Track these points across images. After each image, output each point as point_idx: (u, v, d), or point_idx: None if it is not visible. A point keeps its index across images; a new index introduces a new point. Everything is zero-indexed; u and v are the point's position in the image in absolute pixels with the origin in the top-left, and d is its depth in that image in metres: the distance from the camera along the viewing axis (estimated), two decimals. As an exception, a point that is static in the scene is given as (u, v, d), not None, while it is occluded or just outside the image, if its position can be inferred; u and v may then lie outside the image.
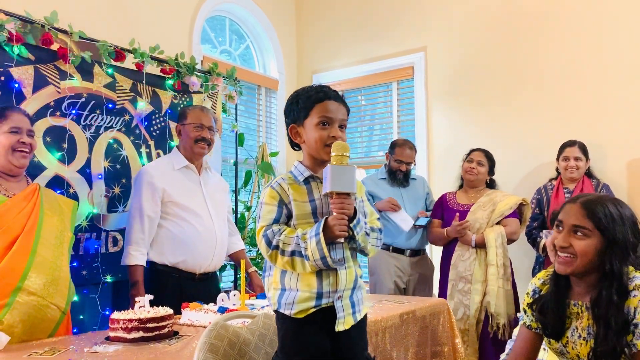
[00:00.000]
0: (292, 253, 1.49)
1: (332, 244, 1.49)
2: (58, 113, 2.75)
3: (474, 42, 4.23)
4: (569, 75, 3.82)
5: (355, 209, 1.51)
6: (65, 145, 2.77)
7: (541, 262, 3.44)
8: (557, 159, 3.50)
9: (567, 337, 1.60)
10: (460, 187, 3.56)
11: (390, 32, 4.62)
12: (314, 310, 1.50)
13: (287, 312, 1.52)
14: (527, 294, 1.74)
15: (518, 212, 3.35)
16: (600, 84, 3.71)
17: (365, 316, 1.63)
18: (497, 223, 3.26)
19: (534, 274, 3.46)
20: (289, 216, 1.55)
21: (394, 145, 3.61)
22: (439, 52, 4.39)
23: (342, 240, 1.50)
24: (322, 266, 1.48)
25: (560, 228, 1.58)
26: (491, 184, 3.48)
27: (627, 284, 1.50)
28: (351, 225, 1.50)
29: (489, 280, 3.15)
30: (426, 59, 4.44)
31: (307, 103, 1.58)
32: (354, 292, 1.57)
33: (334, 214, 1.48)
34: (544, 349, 2.09)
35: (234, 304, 2.32)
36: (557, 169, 3.55)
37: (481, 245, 3.22)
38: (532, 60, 3.96)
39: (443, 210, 3.47)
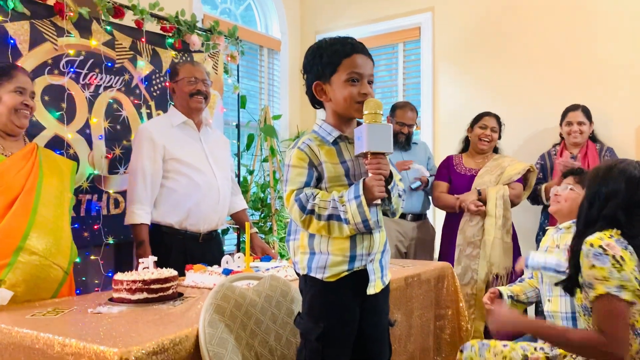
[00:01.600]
0: (329, 217, 1.42)
1: (368, 207, 1.42)
2: (56, 71, 2.68)
3: (482, 2, 4.10)
4: (580, 38, 3.71)
5: (390, 170, 1.46)
6: (64, 105, 2.70)
7: (545, 229, 3.41)
8: (560, 124, 3.43)
9: None
10: (463, 150, 3.49)
11: (397, -9, 4.48)
12: (346, 274, 1.47)
13: (318, 276, 1.47)
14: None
15: (523, 178, 3.31)
16: (612, 46, 3.61)
17: (389, 281, 1.61)
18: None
19: (537, 240, 3.44)
20: (319, 179, 1.48)
21: (394, 108, 3.54)
22: (447, 13, 4.27)
23: (379, 202, 1.45)
24: (363, 229, 1.43)
25: None
26: (496, 149, 3.43)
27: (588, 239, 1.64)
28: (388, 187, 1.45)
29: (486, 230, 3.13)
30: (433, 19, 4.32)
31: (334, 58, 1.47)
32: (383, 255, 1.55)
33: (370, 175, 1.41)
34: (548, 300, 2.14)
35: (239, 266, 2.30)
36: (560, 135, 3.48)
37: (484, 201, 3.18)
38: (541, 23, 3.85)
39: (450, 173, 3.41)
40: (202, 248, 2.60)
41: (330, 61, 1.48)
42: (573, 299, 2.01)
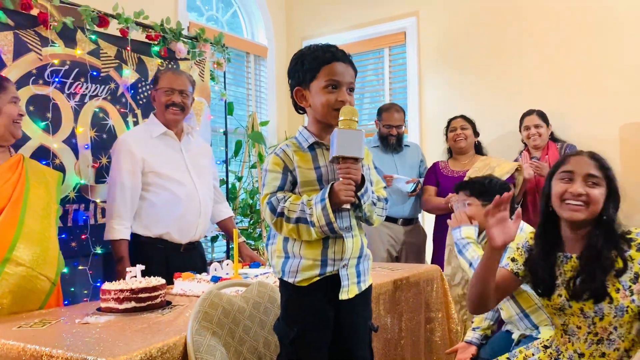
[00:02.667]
0: (297, 220, 1.45)
1: (338, 212, 1.45)
2: (41, 81, 2.67)
3: (466, 6, 4.14)
4: (566, 40, 3.76)
5: (362, 176, 1.47)
6: (49, 115, 2.69)
7: None
8: (520, 130, 3.51)
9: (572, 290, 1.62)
10: (449, 157, 3.55)
11: (382, -3, 4.52)
12: (318, 278, 1.48)
13: (290, 280, 1.50)
14: (517, 248, 1.76)
15: (511, 178, 3.36)
16: (595, 48, 3.66)
17: (371, 286, 1.61)
18: None
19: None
20: (294, 183, 1.50)
21: (380, 111, 3.57)
22: (431, 17, 4.31)
23: (348, 207, 1.46)
24: (329, 233, 1.45)
25: (569, 179, 1.64)
26: (479, 149, 3.48)
27: (619, 232, 1.59)
28: (359, 193, 1.46)
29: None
30: (418, 23, 4.36)
31: (314, 64, 1.50)
32: (360, 262, 1.55)
33: (340, 179, 1.43)
34: (501, 309, 2.17)
35: (227, 273, 2.30)
36: (522, 140, 3.56)
37: None
38: (526, 25, 3.90)
39: (437, 178, 3.45)
40: (184, 258, 2.58)
41: (310, 67, 1.51)
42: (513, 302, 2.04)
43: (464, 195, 2.29)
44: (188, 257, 2.60)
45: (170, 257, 2.53)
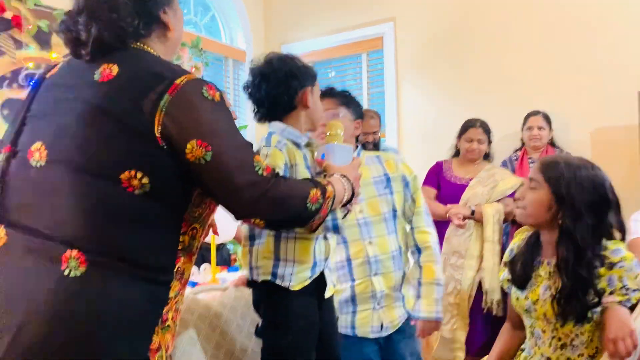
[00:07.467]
0: None
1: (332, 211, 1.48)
2: (15, 85, 2.64)
3: (442, 12, 4.20)
4: (539, 46, 3.84)
5: None
6: (23, 119, 2.66)
7: (507, 233, 3.48)
8: (522, 129, 3.54)
9: (539, 295, 1.63)
10: (454, 155, 3.43)
11: (359, 1, 4.56)
12: (309, 281, 1.51)
13: (285, 284, 1.48)
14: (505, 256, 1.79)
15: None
16: (568, 54, 3.74)
17: None
18: (497, 201, 3.16)
19: (503, 246, 3.50)
20: None
21: None
22: (408, 22, 4.36)
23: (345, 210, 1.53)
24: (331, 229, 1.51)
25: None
26: (487, 155, 3.37)
27: (590, 250, 1.53)
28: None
29: (485, 256, 3.07)
30: (395, 29, 4.41)
31: (311, 72, 1.58)
32: (328, 261, 1.62)
33: None
34: None
35: (204, 278, 2.30)
36: (521, 139, 3.59)
37: (478, 220, 3.12)
38: (500, 31, 3.97)
39: (439, 180, 3.36)
40: None
41: (313, 74, 1.58)
42: None
43: (334, 103, 2.03)
44: None
45: None
